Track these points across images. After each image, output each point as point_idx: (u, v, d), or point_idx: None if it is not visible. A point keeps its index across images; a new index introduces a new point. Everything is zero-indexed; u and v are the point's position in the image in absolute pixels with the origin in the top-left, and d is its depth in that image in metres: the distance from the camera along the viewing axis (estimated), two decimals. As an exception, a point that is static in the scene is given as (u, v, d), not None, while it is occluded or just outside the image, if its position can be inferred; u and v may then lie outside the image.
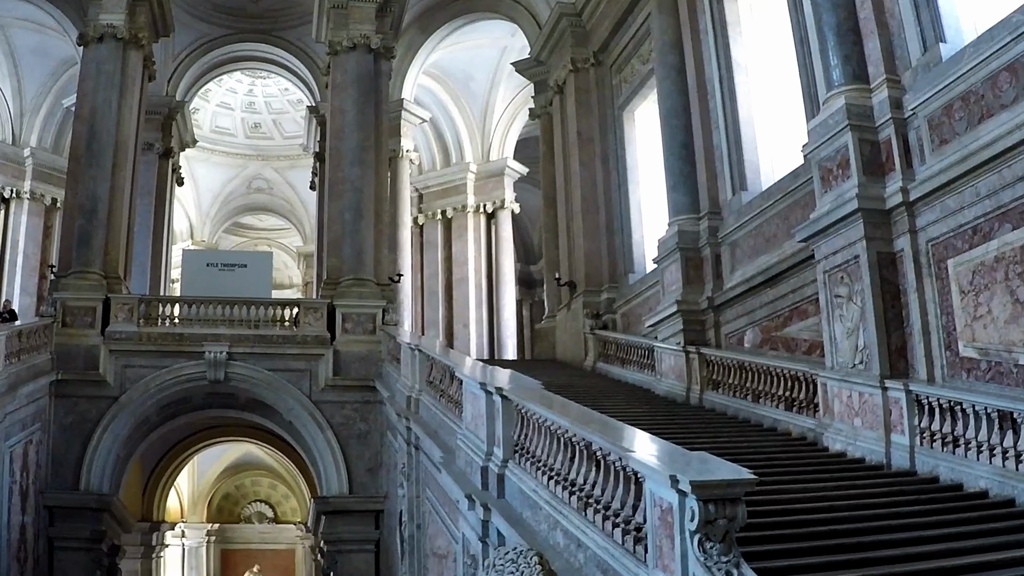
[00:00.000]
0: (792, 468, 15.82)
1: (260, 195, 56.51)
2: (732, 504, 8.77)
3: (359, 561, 27.07)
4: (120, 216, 29.55)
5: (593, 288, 31.70)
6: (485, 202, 45.76)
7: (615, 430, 11.58)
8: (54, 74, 41.53)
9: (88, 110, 29.45)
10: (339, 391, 27.79)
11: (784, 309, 21.70)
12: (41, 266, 39.82)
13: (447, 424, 18.58)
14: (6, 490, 23.26)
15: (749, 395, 20.88)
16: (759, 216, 23.14)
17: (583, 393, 20.17)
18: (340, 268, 29.50)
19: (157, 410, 28.70)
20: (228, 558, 56.75)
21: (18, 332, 24.99)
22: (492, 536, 14.00)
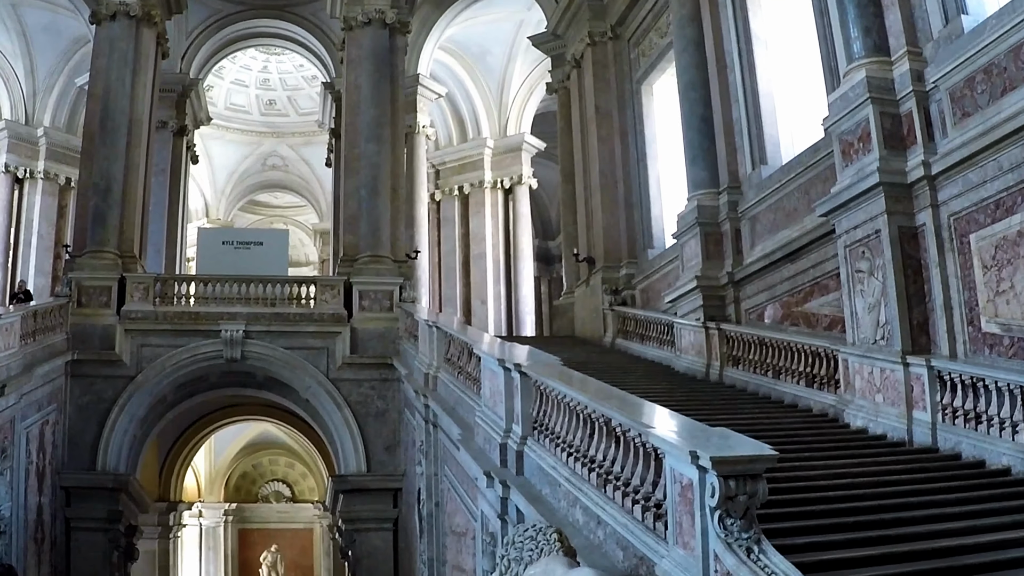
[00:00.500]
0: (813, 445, 15.72)
1: (275, 172, 56.41)
2: (753, 480, 8.65)
3: (377, 539, 27.03)
4: (135, 195, 29.49)
5: (612, 264, 31.58)
6: (502, 177, 45.56)
7: (634, 406, 11.48)
8: (66, 53, 41.53)
9: (101, 88, 29.37)
10: (356, 369, 27.71)
11: (805, 284, 21.52)
12: (56, 246, 39.92)
13: (465, 401, 18.52)
14: (22, 471, 23.27)
15: (769, 371, 20.76)
16: (779, 190, 22.94)
17: (602, 369, 20.03)
18: (356, 245, 29.39)
19: (173, 389, 28.70)
20: (246, 537, 56.84)
21: (33, 312, 24.99)
22: (511, 513, 13.93)
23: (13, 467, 22.61)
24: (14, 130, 41.62)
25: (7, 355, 22.50)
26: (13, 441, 22.63)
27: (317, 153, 49.76)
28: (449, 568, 19.92)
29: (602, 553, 10.92)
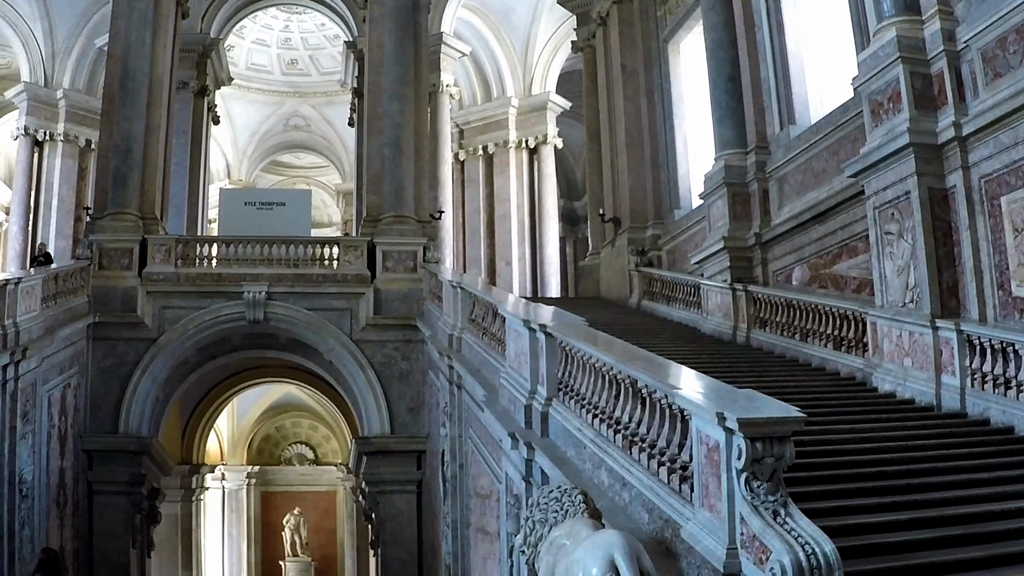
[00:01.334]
0: (840, 408, 15.61)
1: (297, 133, 56.22)
2: (780, 443, 8.57)
3: (401, 502, 27.02)
4: (156, 156, 29.33)
5: (638, 224, 31.44)
6: (527, 137, 45.22)
7: (661, 367, 11.38)
8: (85, 14, 41.34)
9: (121, 49, 29.13)
10: (380, 330, 27.58)
11: (833, 246, 21.35)
12: (76, 208, 39.87)
13: (490, 362, 18.44)
14: (44, 435, 23.33)
15: (797, 334, 20.60)
16: (808, 151, 22.73)
17: (628, 331, 19.92)
18: (380, 205, 29.18)
19: (196, 351, 28.64)
20: (268, 500, 57.06)
21: (55, 275, 24.93)
22: (536, 475, 13.87)
23: (35, 431, 22.67)
24: (33, 93, 41.49)
25: (28, 318, 22.49)
26: (35, 404, 22.67)
27: (340, 113, 49.58)
28: (473, 530, 19.90)
29: (627, 515, 10.85)
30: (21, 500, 21.51)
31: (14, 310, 21.83)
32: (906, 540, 10.18)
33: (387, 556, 27.16)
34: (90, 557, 25.89)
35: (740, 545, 8.62)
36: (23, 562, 21.40)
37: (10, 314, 21.66)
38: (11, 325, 21.59)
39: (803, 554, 7.90)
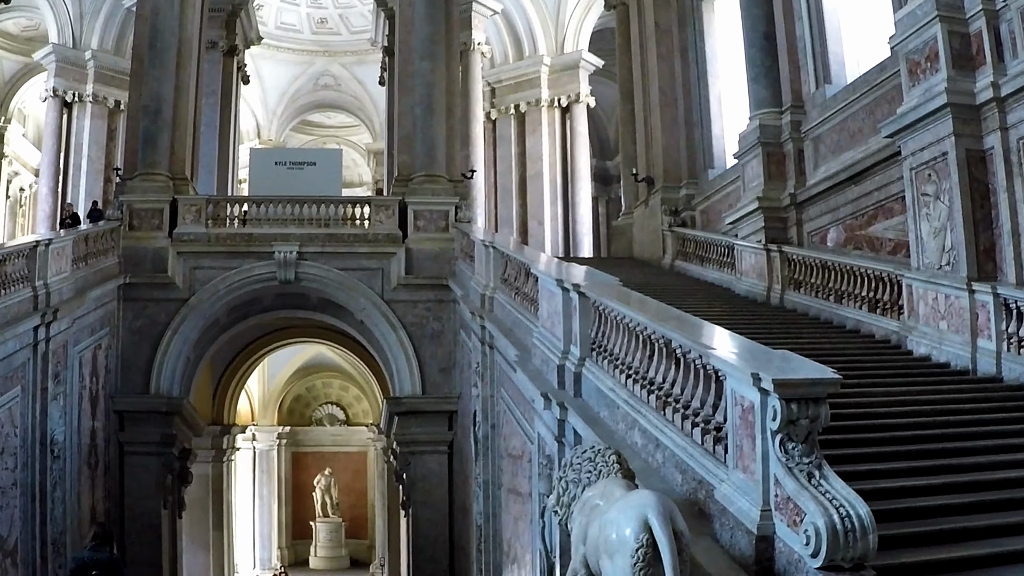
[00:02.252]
0: (875, 371, 15.51)
1: (328, 92, 56.05)
2: (815, 404, 8.49)
3: (432, 462, 27.08)
4: (185, 116, 29.36)
5: (671, 184, 31.25)
6: (559, 96, 44.87)
7: (695, 327, 11.33)
8: (113, -27, 41.22)
9: (150, 9, 29.06)
10: (411, 290, 27.55)
11: (869, 207, 21.15)
12: (106, 169, 39.83)
13: (522, 322, 18.41)
14: (76, 396, 23.42)
15: (831, 295, 20.43)
16: (843, 110, 22.50)
17: (661, 291, 19.81)
18: (411, 165, 29.07)
19: (227, 312, 28.71)
20: (299, 461, 57.41)
21: (85, 236, 25.01)
22: (568, 436, 13.84)
23: (66, 392, 22.73)
24: (62, 54, 41.40)
25: (59, 279, 22.57)
26: (67, 365, 22.73)
27: (370, 72, 49.32)
28: (504, 491, 19.93)
29: (660, 477, 10.83)
30: (53, 461, 21.60)
31: (45, 271, 21.91)
32: (940, 504, 10.16)
33: (418, 517, 27.24)
34: (121, 517, 26.07)
35: (774, 507, 8.60)
36: (54, 523, 21.54)
37: (41, 275, 21.74)
38: (42, 286, 21.68)
39: (837, 516, 7.87)
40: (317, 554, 56.15)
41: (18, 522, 20.22)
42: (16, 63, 45.79)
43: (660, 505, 7.72)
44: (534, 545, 16.22)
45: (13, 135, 47.48)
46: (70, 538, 22.45)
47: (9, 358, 19.80)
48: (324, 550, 56.24)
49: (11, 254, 21.04)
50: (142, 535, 25.77)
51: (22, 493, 20.48)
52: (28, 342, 20.80)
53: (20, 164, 49.30)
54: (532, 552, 16.77)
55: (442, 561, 26.48)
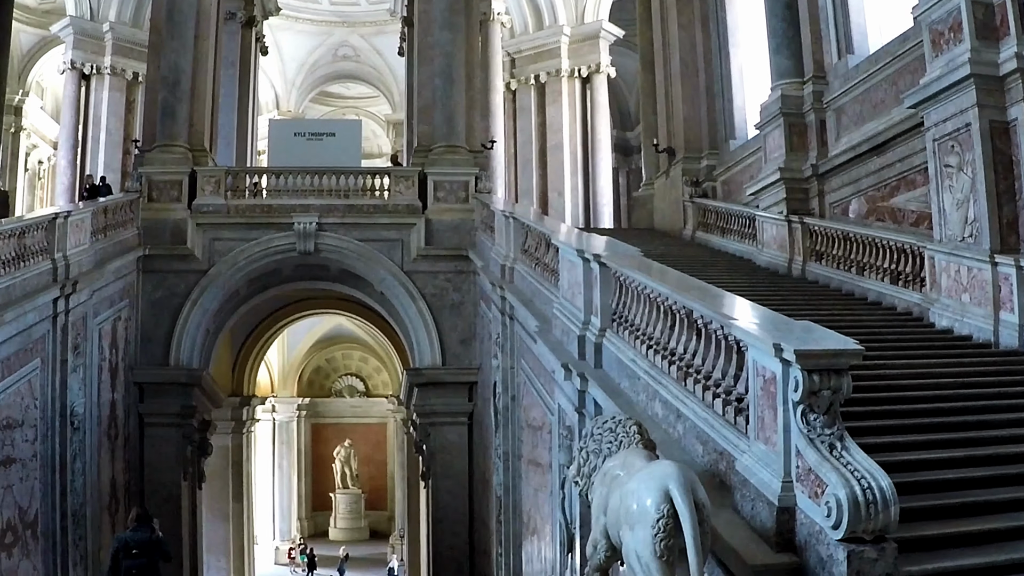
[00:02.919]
0: (896, 343, 15.43)
1: (347, 63, 55.93)
2: (837, 375, 8.42)
3: (452, 433, 27.11)
4: (204, 88, 29.37)
5: (692, 155, 31.08)
6: (580, 66, 44.58)
7: (716, 297, 11.27)
8: (130, -56, 41.08)
9: (167, -20, 28.99)
10: (431, 261, 27.51)
11: (891, 179, 20.99)
12: (124, 142, 39.89)
13: (542, 293, 18.36)
14: (95, 367, 23.51)
15: (853, 267, 20.33)
16: (866, 81, 22.32)
17: (682, 262, 19.72)
18: (431, 135, 28.98)
19: (246, 283, 28.73)
20: (319, 432, 57.73)
21: (104, 208, 25.04)
22: (589, 407, 13.82)
23: (86, 363, 22.81)
24: (79, 26, 41.33)
25: (78, 251, 22.61)
26: (86, 337, 22.80)
27: (389, 42, 49.25)
28: (524, 462, 19.93)
29: (681, 448, 10.80)
30: (73, 433, 21.66)
31: (64, 243, 21.94)
32: (961, 478, 10.11)
33: (437, 488, 27.31)
34: (141, 489, 26.24)
35: (795, 478, 8.55)
36: (75, 494, 21.64)
37: (60, 247, 21.77)
38: (61, 258, 21.71)
39: (859, 488, 7.82)
40: (337, 525, 56.59)
41: (38, 494, 20.29)
42: (33, 36, 45.75)
43: (681, 476, 7.69)
44: (554, 516, 16.25)
45: (31, 108, 47.57)
46: (90, 510, 22.63)
47: (28, 330, 19.83)
48: (344, 521, 56.67)
49: (30, 226, 21.06)
50: (162, 507, 25.75)
51: (42, 465, 20.55)
52: (47, 314, 20.83)
53: (38, 137, 49.43)
54: (552, 523, 16.79)
55: (462, 532, 26.57)
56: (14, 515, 19.11)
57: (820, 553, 8.11)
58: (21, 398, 19.75)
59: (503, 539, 21.69)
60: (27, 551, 19.67)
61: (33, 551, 19.97)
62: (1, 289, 18.91)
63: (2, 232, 19.70)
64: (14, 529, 19.05)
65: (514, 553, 20.96)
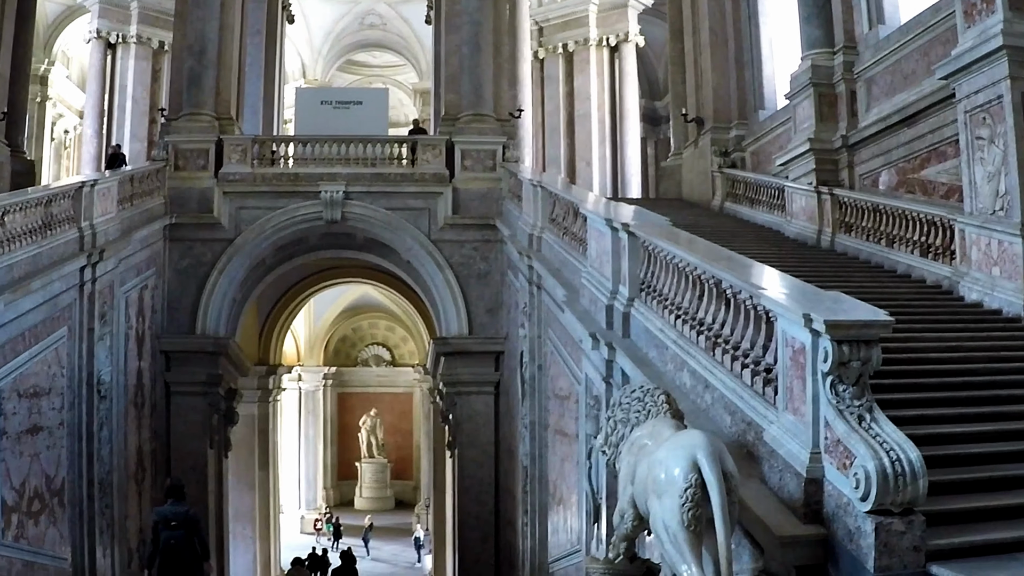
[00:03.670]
0: (926, 316, 15.30)
1: (373, 31, 55.65)
2: (867, 346, 8.41)
3: (478, 403, 27.16)
4: (230, 56, 29.34)
5: (721, 125, 30.85)
6: (608, 35, 44.15)
7: (745, 267, 11.23)
8: (155, -89, 40.98)
9: (193, -53, 28.92)
10: (458, 230, 27.50)
11: (921, 150, 20.80)
12: (151, 111, 39.81)
13: (570, 262, 18.36)
14: (122, 336, 23.61)
15: (883, 239, 20.15)
16: (897, 51, 22.08)
17: (710, 233, 19.57)
18: (458, 104, 28.91)
19: (273, 252, 28.84)
20: (345, 401, 57.89)
21: (130, 177, 25.12)
22: (616, 376, 13.83)
23: (113, 332, 22.90)
24: (105, -6, 41.28)
25: (105, 220, 22.66)
26: (113, 306, 22.90)
27: (416, 10, 48.88)
28: (551, 432, 19.97)
29: (708, 418, 10.79)
30: (100, 401, 21.76)
31: (91, 212, 22.00)
32: (990, 452, 10.06)
33: (463, 457, 27.39)
34: (168, 457, 26.45)
35: (824, 450, 8.56)
36: (101, 462, 21.75)
37: (87, 216, 21.83)
38: (88, 227, 21.77)
39: (887, 460, 7.82)
40: (362, 495, 56.83)
41: (65, 462, 20.40)
42: (59, 5, 45.71)
43: (710, 445, 7.68)
44: (580, 486, 16.29)
45: (57, 77, 47.58)
46: (117, 478, 22.74)
47: (55, 299, 19.88)
48: (369, 491, 56.91)
49: (57, 195, 21.09)
50: (188, 475, 25.73)
51: (69, 433, 20.64)
52: (74, 283, 20.89)
53: (64, 106, 49.51)
54: (578, 493, 16.84)
55: (487, 502, 26.64)
56: (41, 483, 19.22)
57: (848, 525, 8.11)
58: (48, 366, 19.82)
59: (529, 509, 21.75)
60: (54, 519, 19.79)
61: (60, 519, 20.08)
62: (28, 258, 18.97)
63: (29, 201, 19.74)
64: (41, 497, 19.16)
65: (540, 523, 21.04)
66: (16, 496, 18.02)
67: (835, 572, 8.26)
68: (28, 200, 19.78)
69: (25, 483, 18.44)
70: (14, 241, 18.58)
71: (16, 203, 19.13)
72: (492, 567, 26.43)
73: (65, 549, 20.20)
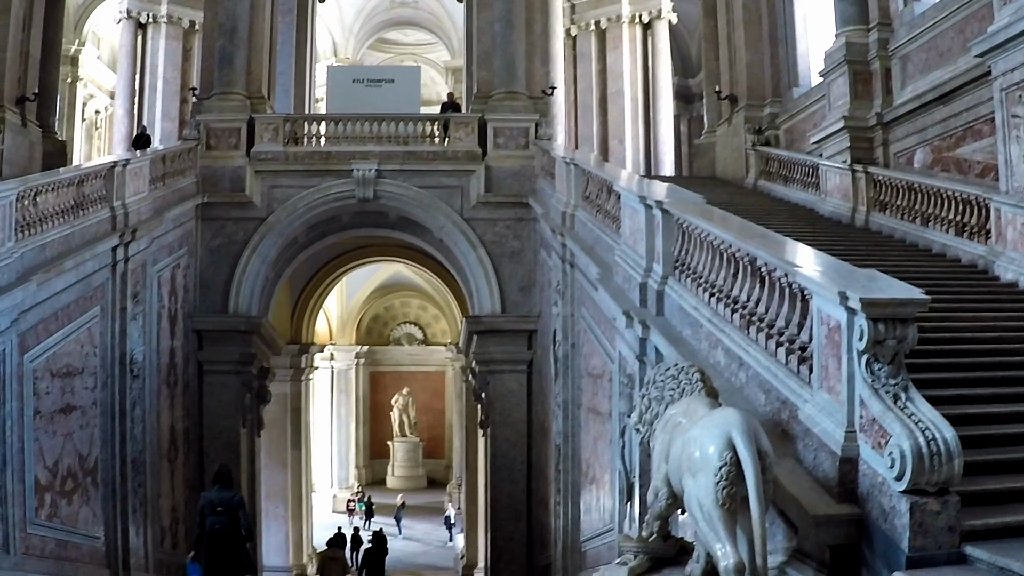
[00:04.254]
0: (960, 296, 15.16)
1: (404, 9, 55.50)
2: (903, 324, 8.40)
3: (511, 381, 27.18)
4: (261, 35, 29.40)
5: (755, 102, 30.63)
6: (640, 12, 43.74)
7: (780, 245, 11.21)
8: None
9: (222, -75, 28.91)
10: (491, 208, 27.47)
11: (957, 128, 20.60)
12: (182, 90, 39.75)
13: (604, 240, 18.34)
14: (155, 315, 23.71)
15: (917, 218, 19.99)
16: (932, 28, 21.87)
17: (744, 211, 19.41)
18: (491, 81, 28.83)
19: (305, 231, 28.92)
20: (377, 380, 58.01)
21: (162, 156, 25.23)
22: (650, 354, 13.82)
23: (145, 311, 23.02)
24: (135, -26, 41.29)
25: (137, 199, 22.77)
26: (145, 285, 23.02)
27: (448, -12, 48.95)
28: (584, 410, 19.97)
29: (743, 396, 10.77)
30: (132, 380, 21.87)
31: (123, 191, 22.11)
32: (1026, 432, 9.97)
33: (496, 436, 27.42)
34: (200, 436, 26.63)
35: (859, 428, 8.54)
36: (134, 441, 21.89)
37: (119, 195, 21.95)
38: (120, 207, 21.89)
39: (923, 439, 7.80)
40: (394, 473, 56.98)
41: (98, 441, 20.54)
42: (89, -15, 45.87)
43: (745, 423, 7.66)
44: (613, 465, 16.29)
45: (87, 58, 47.64)
46: (149, 457, 22.89)
47: (88, 278, 19.99)
48: (401, 469, 57.05)
49: (89, 175, 21.18)
50: (221, 454, 26.01)
51: (102, 412, 20.78)
52: (107, 262, 20.99)
53: (95, 87, 49.61)
54: (611, 472, 16.84)
55: (520, 481, 26.67)
56: (74, 462, 19.37)
57: (882, 504, 8.09)
58: (81, 346, 19.94)
59: (561, 488, 21.77)
60: (87, 498, 19.95)
61: (93, 497, 20.24)
62: (60, 238, 19.09)
63: (60, 181, 19.84)
64: (74, 476, 19.31)
65: (572, 502, 21.06)
66: (49, 475, 18.17)
67: (869, 552, 8.24)
68: (60, 180, 19.88)
69: (58, 462, 18.58)
70: (46, 221, 18.68)
71: (48, 183, 19.23)
72: (524, 546, 26.49)
73: (98, 528, 20.37)
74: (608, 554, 16.35)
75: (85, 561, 19.50)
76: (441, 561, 42.28)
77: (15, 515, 16.42)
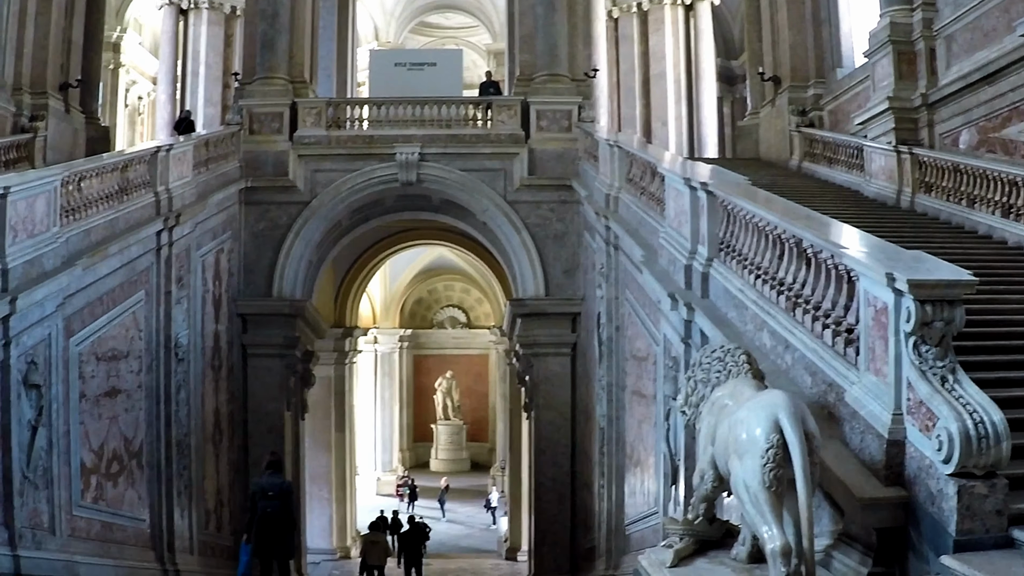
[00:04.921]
0: (1008, 278, 14.92)
1: (445, -8, 55.69)
2: (950, 306, 8.31)
3: (555, 364, 27.21)
4: (303, 19, 29.50)
5: (799, 83, 30.40)
6: (683, -8, 43.86)
7: (826, 226, 11.14)
8: None
9: (263, -90, 28.98)
10: (534, 191, 27.46)
11: (1003, 109, 20.36)
12: (224, 75, 39.98)
13: (648, 222, 18.30)
14: (199, 299, 23.91)
15: (963, 199, 19.77)
16: (977, 8, 21.59)
17: (788, 192, 19.30)
18: (533, 64, 28.80)
19: (348, 214, 29.03)
20: (420, 363, 58.12)
21: (205, 141, 25.39)
22: (695, 337, 13.80)
23: (190, 295, 23.21)
24: (175, -40, 41.43)
25: (181, 184, 22.93)
26: (189, 269, 23.19)
27: (488, -29, 48.87)
28: (628, 393, 19.96)
29: (789, 379, 10.73)
30: (177, 364, 22.08)
31: (166, 176, 22.26)
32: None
33: (540, 419, 27.46)
34: (245, 419, 26.87)
35: (906, 411, 8.48)
36: (179, 424, 22.10)
37: (162, 180, 22.09)
38: (164, 191, 22.03)
39: (971, 422, 7.73)
40: (438, 456, 57.13)
41: (143, 424, 20.73)
42: (130, -27, 46.08)
43: (791, 405, 7.63)
44: (658, 447, 16.28)
45: (129, 44, 47.86)
46: (194, 440, 23.11)
47: (133, 263, 20.13)
48: (445, 453, 57.19)
49: (132, 160, 21.32)
50: (265, 437, 26.30)
51: (147, 396, 20.95)
52: (151, 247, 21.14)
53: (137, 73, 49.87)
54: (656, 454, 16.83)
55: (564, 464, 26.73)
56: (120, 445, 19.56)
57: (930, 487, 8.04)
58: (126, 330, 20.11)
59: (605, 471, 21.80)
60: (132, 480, 20.16)
61: (138, 480, 20.46)
62: (105, 223, 19.22)
63: (104, 167, 19.97)
64: (119, 459, 19.50)
65: (616, 485, 21.08)
66: (95, 458, 18.36)
67: (916, 535, 8.20)
68: (104, 166, 20.02)
69: (104, 445, 18.78)
70: (91, 206, 18.81)
71: (92, 169, 19.36)
72: (568, 529, 26.56)
73: (143, 510, 20.59)
74: (653, 537, 16.38)
75: (130, 543, 19.71)
76: (485, 544, 42.35)
77: (61, 497, 16.59)
